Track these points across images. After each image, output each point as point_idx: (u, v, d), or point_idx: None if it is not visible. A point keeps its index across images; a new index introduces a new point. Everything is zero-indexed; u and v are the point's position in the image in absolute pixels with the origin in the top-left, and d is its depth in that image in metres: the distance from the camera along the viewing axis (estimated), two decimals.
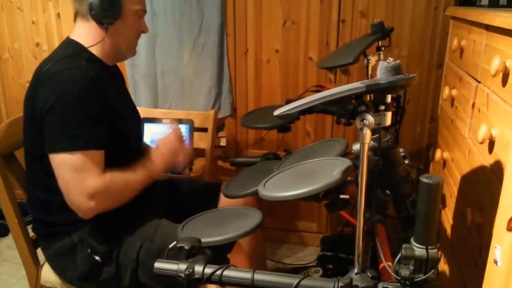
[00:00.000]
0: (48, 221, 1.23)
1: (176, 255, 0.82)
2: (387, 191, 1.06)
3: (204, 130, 2.00)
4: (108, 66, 1.26)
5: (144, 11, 1.27)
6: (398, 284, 0.72)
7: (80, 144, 1.08)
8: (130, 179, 1.17)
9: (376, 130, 0.95)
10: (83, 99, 1.09)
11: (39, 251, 1.32)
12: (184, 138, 1.36)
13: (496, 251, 0.64)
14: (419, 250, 0.70)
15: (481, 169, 0.95)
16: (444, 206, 1.27)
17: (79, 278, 1.21)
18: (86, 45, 1.20)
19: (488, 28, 0.99)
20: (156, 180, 1.54)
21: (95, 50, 1.21)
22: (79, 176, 1.08)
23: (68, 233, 1.20)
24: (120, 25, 1.19)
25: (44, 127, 1.10)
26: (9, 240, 2.16)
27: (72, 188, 1.09)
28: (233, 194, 1.13)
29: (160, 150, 1.28)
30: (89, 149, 1.09)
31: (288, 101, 1.02)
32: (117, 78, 1.40)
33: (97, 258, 1.18)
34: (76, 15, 1.21)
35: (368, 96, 0.79)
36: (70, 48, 1.20)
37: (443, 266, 1.22)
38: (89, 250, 1.18)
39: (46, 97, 1.09)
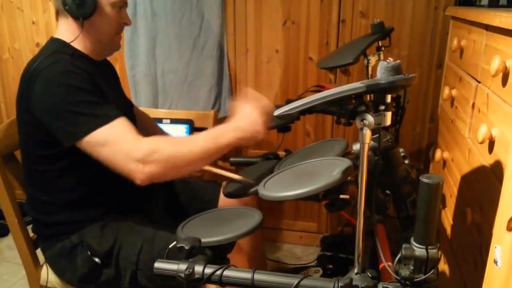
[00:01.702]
0: (47, 222, 1.23)
1: (176, 255, 0.82)
2: (387, 191, 1.06)
3: (204, 130, 2.00)
4: (96, 61, 1.24)
5: (125, 2, 1.23)
6: (398, 284, 0.72)
7: (102, 119, 1.05)
8: (192, 139, 1.09)
9: (376, 130, 0.95)
10: (78, 82, 1.08)
11: (39, 251, 1.32)
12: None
13: (496, 251, 0.64)
14: (419, 250, 0.70)
15: (481, 169, 0.95)
16: (444, 206, 1.27)
17: (79, 280, 1.21)
18: (68, 41, 1.19)
19: (488, 28, 0.99)
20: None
21: (78, 46, 1.20)
22: (119, 146, 1.04)
23: (67, 235, 1.20)
24: (97, 19, 1.17)
25: (53, 123, 1.08)
26: (9, 240, 2.16)
27: (119, 161, 1.04)
28: (233, 194, 1.13)
29: (251, 112, 1.07)
30: (113, 119, 1.06)
31: (288, 101, 1.02)
32: (109, 74, 1.38)
33: (96, 260, 1.17)
34: (57, 13, 1.21)
35: (368, 96, 0.79)
36: (54, 45, 1.20)
37: (443, 266, 1.22)
38: (89, 252, 1.18)
39: (42, 95, 1.08)
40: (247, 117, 1.06)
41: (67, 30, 1.19)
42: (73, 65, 1.10)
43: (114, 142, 1.04)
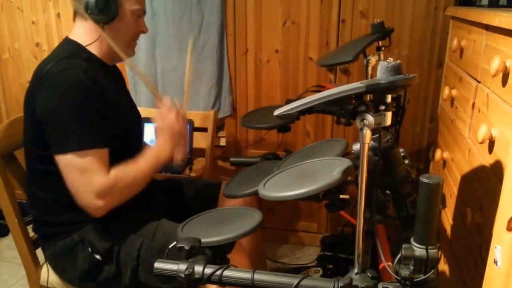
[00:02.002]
0: (48, 221, 1.23)
1: (176, 255, 0.82)
2: (387, 191, 1.06)
3: (204, 130, 2.00)
4: (108, 65, 1.26)
5: (143, 11, 1.25)
6: (398, 284, 0.72)
7: (87, 144, 1.08)
8: (137, 171, 1.16)
9: (376, 130, 0.95)
10: (86, 98, 1.09)
11: (39, 251, 1.32)
12: (180, 110, 1.25)
13: (496, 251, 0.64)
14: (419, 250, 0.70)
15: (481, 169, 0.95)
16: (444, 206, 1.27)
17: (80, 278, 1.21)
18: (84, 44, 1.20)
19: (488, 28, 0.99)
20: (156, 180, 1.55)
21: (93, 50, 1.21)
22: (87, 176, 1.08)
23: (68, 233, 1.20)
24: (117, 25, 1.19)
25: (48, 129, 1.10)
26: (9, 240, 2.16)
27: (81, 189, 1.09)
28: (233, 194, 1.13)
29: (163, 132, 1.22)
30: (96, 147, 1.09)
31: (288, 101, 1.02)
32: (118, 78, 1.40)
33: (98, 257, 1.18)
34: (75, 14, 1.21)
35: (368, 96, 0.79)
36: (69, 47, 1.20)
37: (443, 266, 1.22)
38: (89, 249, 1.18)
39: (48, 98, 1.09)
40: (164, 141, 1.21)
41: (84, 33, 1.20)
42: (85, 75, 1.11)
43: (84, 171, 1.08)
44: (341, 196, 0.86)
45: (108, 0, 1.14)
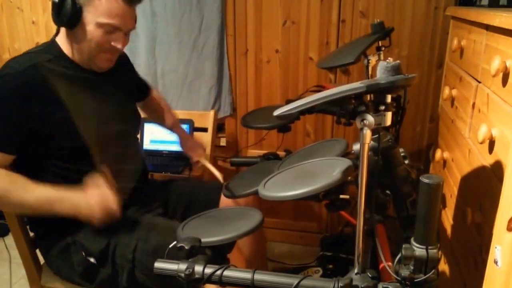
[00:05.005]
0: (42, 222, 1.23)
1: (176, 254, 0.82)
2: (387, 191, 1.06)
3: (204, 130, 2.00)
4: (84, 68, 1.21)
5: (115, 28, 1.14)
6: (398, 284, 0.72)
7: None
8: (30, 193, 1.07)
9: (376, 130, 0.94)
10: (10, 99, 1.09)
11: (39, 251, 1.32)
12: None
13: (496, 251, 0.64)
14: (419, 250, 0.70)
15: (481, 169, 0.95)
16: (444, 206, 1.27)
17: (77, 279, 1.22)
18: (59, 43, 1.19)
19: (488, 28, 0.99)
20: (156, 180, 1.55)
21: (66, 51, 1.19)
22: None
23: (62, 235, 1.20)
24: (78, 33, 1.14)
25: None
26: (9, 240, 2.16)
27: None
28: (233, 194, 1.13)
29: (92, 204, 1.09)
30: None
31: (288, 101, 1.02)
32: (104, 86, 1.27)
33: (92, 260, 1.17)
34: None
35: (368, 96, 0.79)
36: (46, 44, 1.22)
37: (443, 266, 1.22)
38: (83, 253, 1.18)
39: None
40: (88, 205, 1.07)
41: (62, 32, 1.20)
42: (21, 82, 1.09)
43: None
44: (341, 196, 0.86)
45: (65, 6, 1.09)
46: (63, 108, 1.12)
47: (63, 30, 1.18)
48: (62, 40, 1.19)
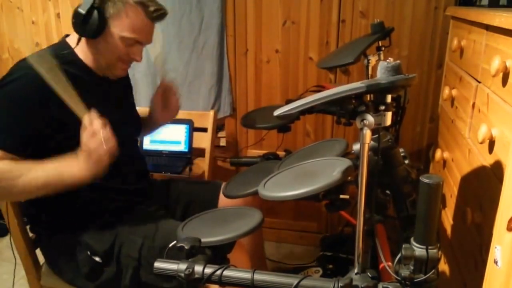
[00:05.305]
0: (45, 221, 1.23)
1: (176, 254, 0.82)
2: (387, 191, 1.06)
3: (204, 130, 2.00)
4: (96, 74, 1.22)
5: (137, 42, 1.18)
6: (398, 284, 0.72)
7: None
8: (35, 171, 1.05)
9: (376, 130, 0.94)
10: (21, 100, 1.08)
11: (39, 251, 1.32)
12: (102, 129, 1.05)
13: (496, 251, 0.64)
14: (419, 250, 0.70)
15: (481, 169, 0.95)
16: (444, 206, 1.27)
17: (80, 279, 1.21)
18: (72, 45, 1.19)
19: (488, 28, 0.99)
20: (156, 180, 1.55)
21: (80, 53, 1.19)
22: None
23: (65, 234, 1.20)
24: (101, 43, 1.15)
25: None
26: (9, 240, 2.16)
27: None
28: (233, 194, 1.13)
29: (81, 154, 1.06)
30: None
31: (288, 101, 1.02)
32: (109, 92, 1.29)
33: (97, 259, 1.18)
34: None
35: (368, 96, 0.79)
36: (58, 44, 1.21)
37: (443, 266, 1.22)
38: (88, 252, 1.18)
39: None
40: (91, 154, 1.04)
41: (74, 35, 1.19)
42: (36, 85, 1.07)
43: None
44: (341, 196, 0.86)
45: (92, 17, 1.10)
46: None
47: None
48: (79, 46, 1.19)
